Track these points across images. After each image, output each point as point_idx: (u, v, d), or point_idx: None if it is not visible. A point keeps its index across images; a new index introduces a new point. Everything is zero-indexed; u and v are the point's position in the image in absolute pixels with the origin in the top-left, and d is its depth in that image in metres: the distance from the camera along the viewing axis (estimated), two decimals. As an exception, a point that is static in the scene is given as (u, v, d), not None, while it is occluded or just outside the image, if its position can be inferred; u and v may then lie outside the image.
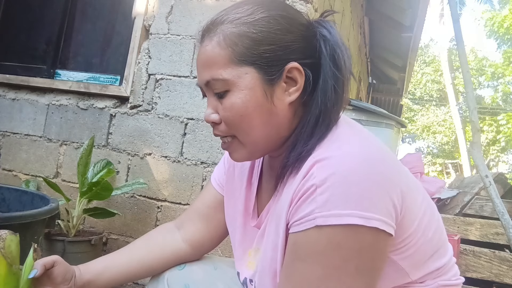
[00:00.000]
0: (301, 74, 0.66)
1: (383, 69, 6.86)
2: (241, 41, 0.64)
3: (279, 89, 0.66)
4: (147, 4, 2.25)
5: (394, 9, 4.20)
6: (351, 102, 1.93)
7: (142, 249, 0.88)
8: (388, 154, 0.64)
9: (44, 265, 0.73)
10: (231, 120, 0.66)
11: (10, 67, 2.53)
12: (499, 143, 15.17)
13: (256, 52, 0.64)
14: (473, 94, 2.48)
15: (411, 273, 0.66)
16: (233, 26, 0.65)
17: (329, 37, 0.67)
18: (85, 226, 2.19)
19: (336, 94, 0.66)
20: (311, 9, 2.00)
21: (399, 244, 0.63)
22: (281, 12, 0.66)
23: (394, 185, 0.60)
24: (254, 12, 0.65)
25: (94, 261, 0.84)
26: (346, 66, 0.66)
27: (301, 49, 0.66)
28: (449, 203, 2.94)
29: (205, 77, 0.67)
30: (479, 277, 2.15)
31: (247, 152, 0.69)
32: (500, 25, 13.13)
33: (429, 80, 19.46)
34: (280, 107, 0.66)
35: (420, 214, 0.65)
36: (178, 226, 0.93)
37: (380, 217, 0.56)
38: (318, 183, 0.58)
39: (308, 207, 0.58)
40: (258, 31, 0.64)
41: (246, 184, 0.82)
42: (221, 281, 0.87)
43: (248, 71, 0.64)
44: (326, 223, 0.56)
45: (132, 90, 2.22)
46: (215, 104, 0.68)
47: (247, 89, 0.64)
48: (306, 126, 0.66)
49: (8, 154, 2.43)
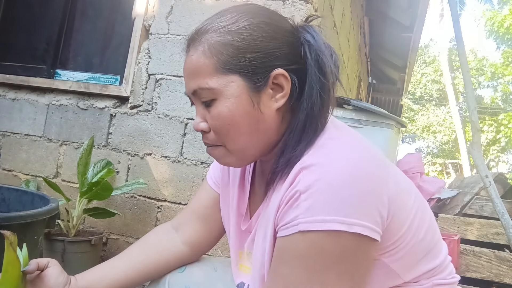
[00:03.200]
0: (287, 80, 0.66)
1: (383, 69, 6.85)
2: (225, 49, 0.64)
3: (266, 96, 0.66)
4: (147, 4, 2.25)
5: (394, 9, 4.19)
6: (351, 102, 1.93)
7: (140, 254, 0.87)
8: (376, 158, 0.64)
9: (37, 263, 0.74)
10: (219, 128, 0.66)
11: (10, 67, 2.53)
12: (499, 143, 15.17)
13: (241, 60, 0.64)
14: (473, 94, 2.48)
15: (402, 275, 0.66)
16: (217, 35, 0.65)
17: (313, 42, 0.67)
18: (85, 226, 2.19)
19: (322, 99, 0.66)
20: (311, 9, 2.00)
21: (389, 247, 0.63)
22: (265, 19, 0.67)
23: (380, 191, 0.60)
24: (238, 20, 0.65)
25: (92, 269, 0.84)
26: (331, 70, 0.67)
27: (286, 55, 0.66)
28: (449, 203, 2.94)
29: (192, 86, 0.67)
30: (479, 277, 2.15)
31: (235, 159, 0.70)
32: (500, 25, 13.12)
33: (429, 80, 19.47)
34: (267, 114, 0.66)
35: (411, 217, 0.66)
36: (175, 228, 0.92)
37: (363, 223, 0.57)
38: (302, 190, 0.58)
39: (293, 213, 0.59)
40: (242, 39, 0.64)
41: (239, 185, 0.82)
42: (222, 282, 0.87)
43: (234, 79, 0.64)
44: (309, 229, 0.57)
45: (132, 90, 2.22)
46: (203, 112, 0.68)
47: (233, 98, 0.64)
48: (293, 131, 0.66)
49: (8, 154, 2.43)
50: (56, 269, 0.76)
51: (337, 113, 1.93)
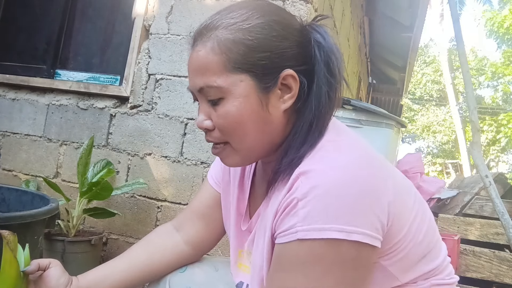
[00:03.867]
0: (295, 81, 0.65)
1: (383, 69, 6.86)
2: (236, 47, 0.62)
3: (274, 97, 0.65)
4: (147, 4, 2.25)
5: (394, 9, 4.19)
6: (351, 102, 1.93)
7: (142, 255, 0.87)
8: (375, 162, 0.64)
9: (38, 263, 0.74)
10: (225, 127, 0.65)
11: (10, 67, 2.53)
12: (499, 143, 15.17)
13: (252, 59, 0.63)
14: (473, 94, 2.48)
15: (400, 277, 0.66)
16: (228, 32, 0.63)
17: (324, 43, 0.66)
18: (85, 226, 2.19)
19: (330, 100, 0.66)
20: (311, 9, 2.00)
21: (388, 250, 0.63)
22: (276, 17, 0.65)
23: (379, 196, 0.59)
24: (249, 17, 0.64)
25: (94, 270, 0.83)
26: (340, 72, 0.66)
27: (296, 55, 0.65)
28: (449, 203, 2.94)
29: (198, 84, 0.65)
30: (479, 277, 2.15)
31: (240, 159, 0.69)
32: (500, 25, 13.11)
33: (429, 80, 19.46)
34: (274, 115, 0.65)
35: (410, 220, 0.65)
36: (177, 228, 0.92)
37: (362, 231, 0.56)
38: (300, 197, 0.58)
39: (291, 220, 0.59)
40: (254, 37, 0.63)
41: (239, 184, 0.81)
42: (223, 282, 0.87)
43: (243, 79, 0.63)
44: (307, 237, 0.57)
45: (132, 90, 2.22)
46: (208, 110, 0.66)
47: (242, 97, 0.63)
48: (299, 132, 0.65)
49: (8, 154, 2.43)
50: (58, 269, 0.76)
51: (337, 113, 1.92)
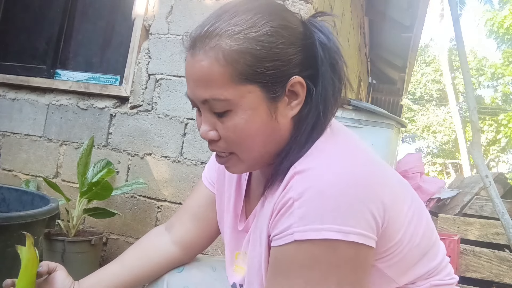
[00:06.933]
0: (303, 88, 0.63)
1: (383, 69, 6.86)
2: (243, 58, 0.59)
3: (282, 105, 0.63)
4: (147, 4, 2.25)
5: (394, 9, 4.19)
6: (351, 102, 1.93)
7: (132, 258, 0.87)
8: (371, 163, 0.64)
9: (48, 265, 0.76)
10: (233, 140, 0.63)
11: (10, 67, 2.53)
12: (499, 143, 15.18)
13: (260, 70, 0.59)
14: (473, 94, 2.48)
15: (397, 279, 0.66)
16: (234, 42, 0.59)
17: (328, 43, 0.64)
18: (85, 226, 2.19)
19: (335, 102, 0.65)
20: (311, 9, 2.00)
21: (384, 253, 0.63)
22: (282, 21, 0.62)
23: (375, 196, 0.59)
24: (255, 23, 0.60)
25: (89, 276, 0.85)
26: (344, 72, 0.65)
27: (302, 60, 0.63)
28: (449, 203, 2.94)
29: (202, 95, 0.61)
30: (479, 277, 2.15)
31: (245, 167, 0.68)
32: (500, 25, 13.11)
33: (429, 80, 19.46)
34: (282, 123, 0.64)
35: (406, 222, 0.64)
36: (168, 228, 0.91)
37: (359, 231, 0.56)
38: (296, 197, 0.57)
39: (287, 221, 0.58)
40: (262, 47, 0.59)
41: (236, 185, 0.81)
42: (220, 282, 0.86)
43: (251, 90, 0.60)
44: (304, 238, 0.56)
45: (132, 90, 2.22)
46: (213, 121, 0.63)
47: (251, 109, 0.60)
48: (301, 135, 0.64)
49: (8, 154, 2.43)
50: (63, 273, 0.79)
51: (337, 113, 1.92)
